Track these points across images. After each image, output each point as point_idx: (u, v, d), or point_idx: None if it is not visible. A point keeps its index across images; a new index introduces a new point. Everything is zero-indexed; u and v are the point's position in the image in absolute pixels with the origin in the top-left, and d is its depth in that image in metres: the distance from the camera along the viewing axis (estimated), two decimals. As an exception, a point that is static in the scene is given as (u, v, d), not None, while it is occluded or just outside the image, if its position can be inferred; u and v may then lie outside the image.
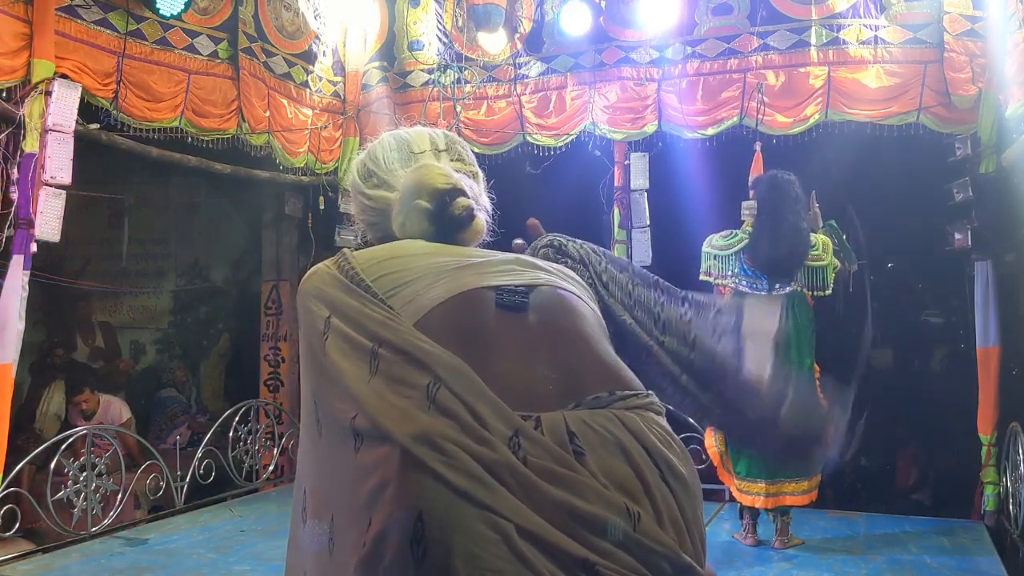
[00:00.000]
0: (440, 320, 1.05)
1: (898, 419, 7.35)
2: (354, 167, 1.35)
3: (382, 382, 0.99)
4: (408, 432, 0.92)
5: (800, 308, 4.35)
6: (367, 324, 1.05)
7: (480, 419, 0.93)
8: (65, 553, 4.32)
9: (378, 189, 1.30)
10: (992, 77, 4.84)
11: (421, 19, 6.49)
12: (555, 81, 6.16)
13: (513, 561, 0.86)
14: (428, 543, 0.86)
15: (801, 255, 4.28)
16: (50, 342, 7.24)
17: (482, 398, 0.94)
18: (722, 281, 4.43)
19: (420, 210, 1.22)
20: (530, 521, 0.87)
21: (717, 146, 5.81)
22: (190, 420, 6.99)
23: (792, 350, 4.31)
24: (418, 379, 0.97)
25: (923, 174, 5.78)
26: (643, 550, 0.91)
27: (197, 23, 5.23)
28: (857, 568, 4.08)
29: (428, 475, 0.89)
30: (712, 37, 5.74)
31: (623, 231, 5.92)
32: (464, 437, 0.91)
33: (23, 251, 4.20)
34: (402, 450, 0.91)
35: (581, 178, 6.20)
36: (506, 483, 0.89)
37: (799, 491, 4.32)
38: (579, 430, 0.95)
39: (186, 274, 8.16)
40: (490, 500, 0.88)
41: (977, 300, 5.09)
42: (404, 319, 1.05)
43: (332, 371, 1.05)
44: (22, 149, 4.19)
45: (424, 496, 0.88)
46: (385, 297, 1.08)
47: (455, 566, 0.86)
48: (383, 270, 1.13)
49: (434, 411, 0.94)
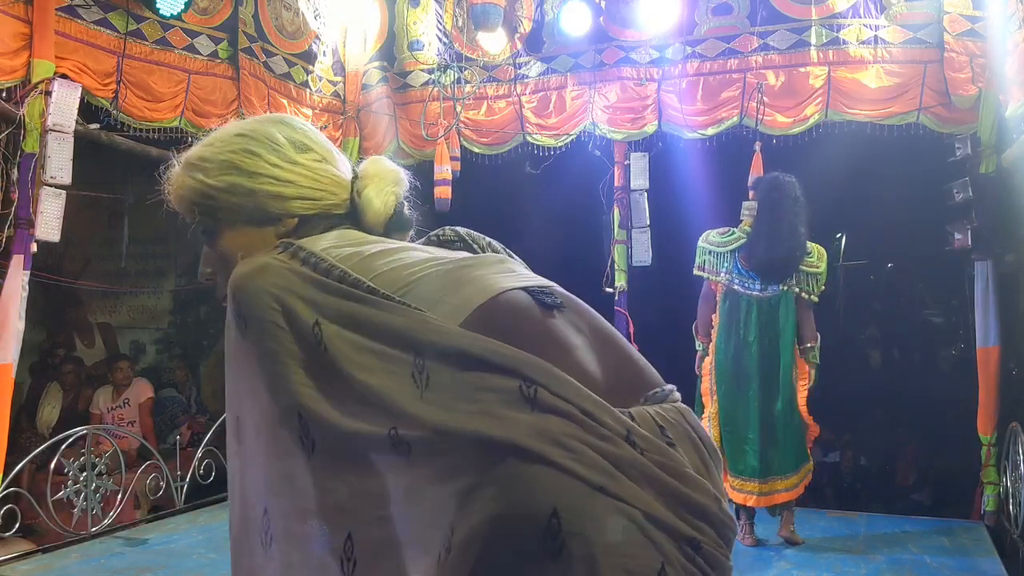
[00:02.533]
0: (487, 322, 1.00)
1: (898, 419, 7.36)
2: (265, 136, 1.19)
3: (442, 394, 0.95)
4: (520, 433, 0.90)
5: (787, 308, 4.37)
6: (396, 332, 0.98)
7: (594, 417, 0.94)
8: (65, 553, 4.32)
9: (322, 164, 1.20)
10: (992, 77, 4.83)
11: (421, 19, 6.49)
12: (555, 81, 6.16)
13: (646, 545, 0.91)
14: (565, 536, 0.87)
15: (797, 258, 4.31)
16: (50, 342, 7.24)
17: (585, 398, 0.95)
18: (714, 277, 4.45)
19: (393, 201, 1.21)
20: (653, 508, 0.92)
21: (717, 146, 5.81)
22: (190, 420, 6.99)
23: (776, 347, 4.35)
24: (499, 382, 0.94)
25: (923, 174, 5.78)
26: (722, 526, 0.99)
27: (197, 23, 5.23)
28: (857, 568, 4.08)
29: (557, 471, 0.89)
30: (712, 37, 5.74)
31: (623, 231, 5.92)
32: (586, 435, 0.92)
33: (23, 251, 4.20)
34: (516, 450, 0.90)
35: (581, 178, 6.20)
36: (631, 476, 0.93)
37: (790, 486, 4.36)
38: (664, 423, 1.00)
39: (186, 274, 8.16)
40: (621, 492, 0.91)
41: (977, 300, 5.09)
42: (446, 322, 0.99)
43: (352, 387, 0.97)
44: (22, 149, 4.19)
45: (556, 491, 0.89)
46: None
47: (596, 556, 0.88)
48: (372, 269, 1.06)
49: (539, 412, 0.92)
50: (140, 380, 6.54)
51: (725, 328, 4.41)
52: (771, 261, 4.30)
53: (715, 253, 4.45)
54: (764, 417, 4.32)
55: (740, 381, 4.36)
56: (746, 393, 4.35)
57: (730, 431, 4.37)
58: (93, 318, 7.88)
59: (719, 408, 4.39)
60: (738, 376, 4.36)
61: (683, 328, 4.76)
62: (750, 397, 4.34)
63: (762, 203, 4.35)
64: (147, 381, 6.63)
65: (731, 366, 4.37)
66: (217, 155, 1.19)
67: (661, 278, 5.96)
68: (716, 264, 4.45)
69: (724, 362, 4.40)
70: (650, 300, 6.08)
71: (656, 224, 5.88)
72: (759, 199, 4.39)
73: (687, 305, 4.72)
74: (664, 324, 5.82)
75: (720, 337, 4.43)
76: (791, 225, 4.25)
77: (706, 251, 4.48)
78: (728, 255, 4.42)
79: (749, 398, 4.34)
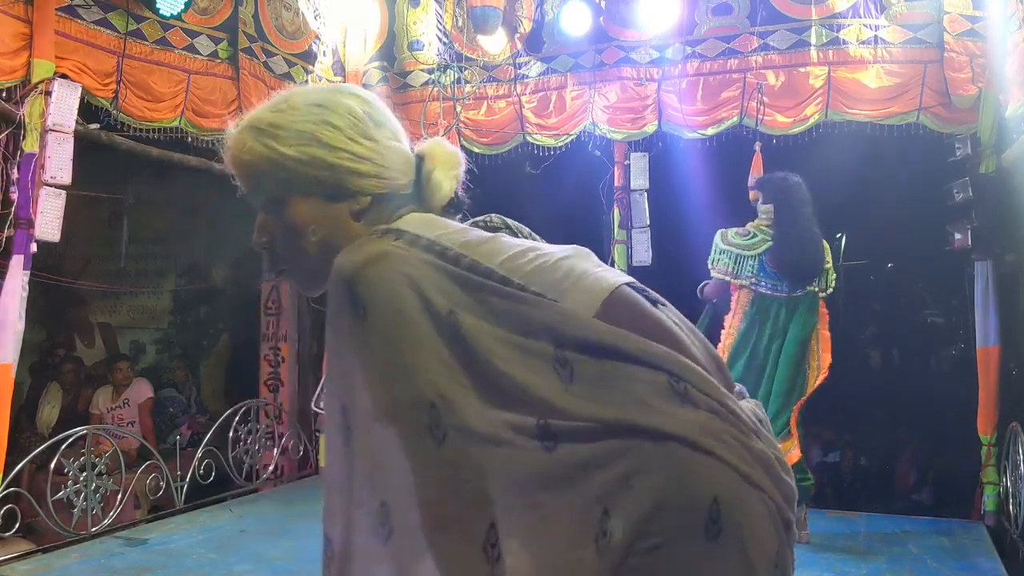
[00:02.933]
0: (614, 317, 1.02)
1: (898, 419, 7.36)
2: (346, 110, 1.15)
3: (590, 386, 0.97)
4: (684, 425, 0.95)
5: (811, 310, 4.39)
6: (537, 324, 0.99)
7: (733, 413, 1.00)
8: (65, 553, 4.32)
9: (394, 142, 1.18)
10: (992, 77, 4.83)
11: (421, 19, 6.49)
12: (555, 81, 6.16)
13: (778, 535, 0.99)
14: (724, 522, 0.93)
15: (821, 259, 4.35)
16: (50, 342, 7.24)
17: (723, 394, 1.01)
18: (737, 280, 4.40)
19: (456, 184, 1.20)
20: (775, 496, 0.99)
21: (717, 146, 5.81)
22: (190, 420, 6.99)
23: (797, 349, 4.35)
24: (646, 375, 0.97)
25: (923, 174, 5.78)
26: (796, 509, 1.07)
27: (197, 23, 5.23)
28: (857, 568, 4.08)
29: (717, 461, 0.95)
30: (712, 37, 5.74)
31: (623, 231, 5.92)
32: (732, 429, 0.98)
33: (23, 251, 4.20)
34: (681, 440, 0.95)
35: (581, 178, 6.21)
36: (766, 469, 0.99)
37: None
38: (760, 419, 1.07)
39: (186, 274, 8.16)
40: (760, 483, 0.98)
41: (977, 300, 5.09)
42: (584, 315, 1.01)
43: (493, 377, 0.98)
44: (22, 149, 4.20)
45: (716, 481, 0.95)
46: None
47: (745, 540, 0.95)
48: (496, 257, 1.05)
49: (690, 406, 0.97)
50: (140, 380, 6.55)
51: (746, 331, 4.37)
52: (802, 262, 4.31)
53: (735, 255, 4.40)
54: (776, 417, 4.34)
55: (757, 381, 4.35)
56: (756, 392, 4.33)
57: None
58: (93, 318, 7.88)
59: None
60: (755, 376, 4.36)
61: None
62: (759, 396, 4.33)
63: (782, 205, 4.35)
64: (147, 381, 6.64)
65: (746, 365, 4.36)
66: (293, 124, 1.13)
67: (661, 278, 5.95)
68: (738, 267, 4.39)
69: (742, 360, 4.37)
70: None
71: (656, 224, 5.88)
72: (776, 201, 4.37)
73: (687, 305, 4.71)
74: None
75: (738, 339, 4.38)
76: (813, 227, 4.30)
77: (727, 252, 4.42)
78: (753, 258, 4.38)
79: (759, 396, 4.33)
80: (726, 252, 4.43)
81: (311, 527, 4.30)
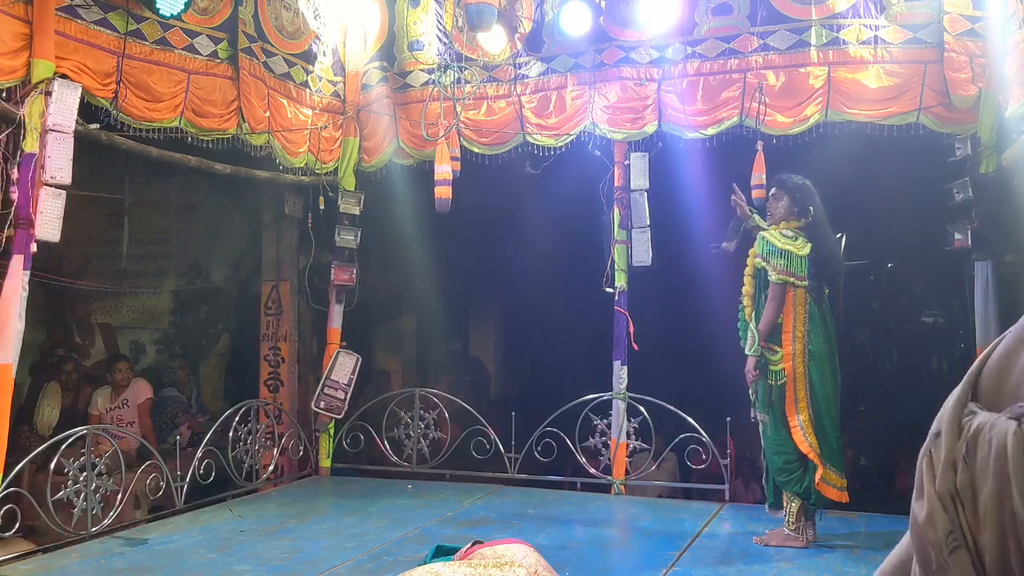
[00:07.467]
0: None
1: (898, 419, 7.35)
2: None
3: None
4: None
5: (829, 303, 4.51)
6: None
7: None
8: (65, 553, 4.32)
9: None
10: (992, 77, 4.83)
11: (421, 19, 6.49)
12: (555, 81, 6.16)
13: None
14: None
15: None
16: (50, 342, 7.24)
17: None
18: (800, 283, 4.37)
19: None
20: None
21: (717, 146, 5.81)
22: (190, 420, 6.99)
23: (827, 343, 4.44)
24: None
25: (923, 174, 5.79)
26: None
27: (197, 23, 5.23)
28: (857, 568, 4.08)
29: None
30: (712, 37, 5.74)
31: (623, 231, 5.92)
32: None
33: (23, 251, 4.20)
34: None
35: (581, 178, 6.20)
36: None
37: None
38: None
39: (186, 274, 8.16)
40: None
41: (977, 300, 5.09)
42: None
43: None
44: (22, 149, 4.19)
45: None
46: None
47: None
48: None
49: None
50: (139, 380, 6.55)
51: (814, 332, 4.39)
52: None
53: (794, 258, 4.36)
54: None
55: (836, 381, 4.44)
56: (838, 392, 4.46)
57: (831, 430, 4.40)
58: (93, 318, 7.88)
59: (814, 413, 4.36)
60: (835, 376, 4.44)
61: (683, 328, 4.76)
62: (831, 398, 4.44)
63: (816, 207, 4.42)
64: (146, 381, 6.64)
65: (827, 367, 4.41)
66: None
67: (661, 278, 5.95)
68: (799, 269, 4.37)
69: (821, 364, 4.39)
70: (650, 300, 6.07)
71: (656, 224, 5.88)
72: (807, 203, 4.42)
73: (687, 305, 4.72)
74: (664, 324, 5.82)
75: (811, 341, 4.38)
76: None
77: (789, 255, 4.37)
78: (803, 259, 4.37)
79: (837, 398, 4.46)
80: (787, 254, 4.37)
81: (311, 527, 4.31)
